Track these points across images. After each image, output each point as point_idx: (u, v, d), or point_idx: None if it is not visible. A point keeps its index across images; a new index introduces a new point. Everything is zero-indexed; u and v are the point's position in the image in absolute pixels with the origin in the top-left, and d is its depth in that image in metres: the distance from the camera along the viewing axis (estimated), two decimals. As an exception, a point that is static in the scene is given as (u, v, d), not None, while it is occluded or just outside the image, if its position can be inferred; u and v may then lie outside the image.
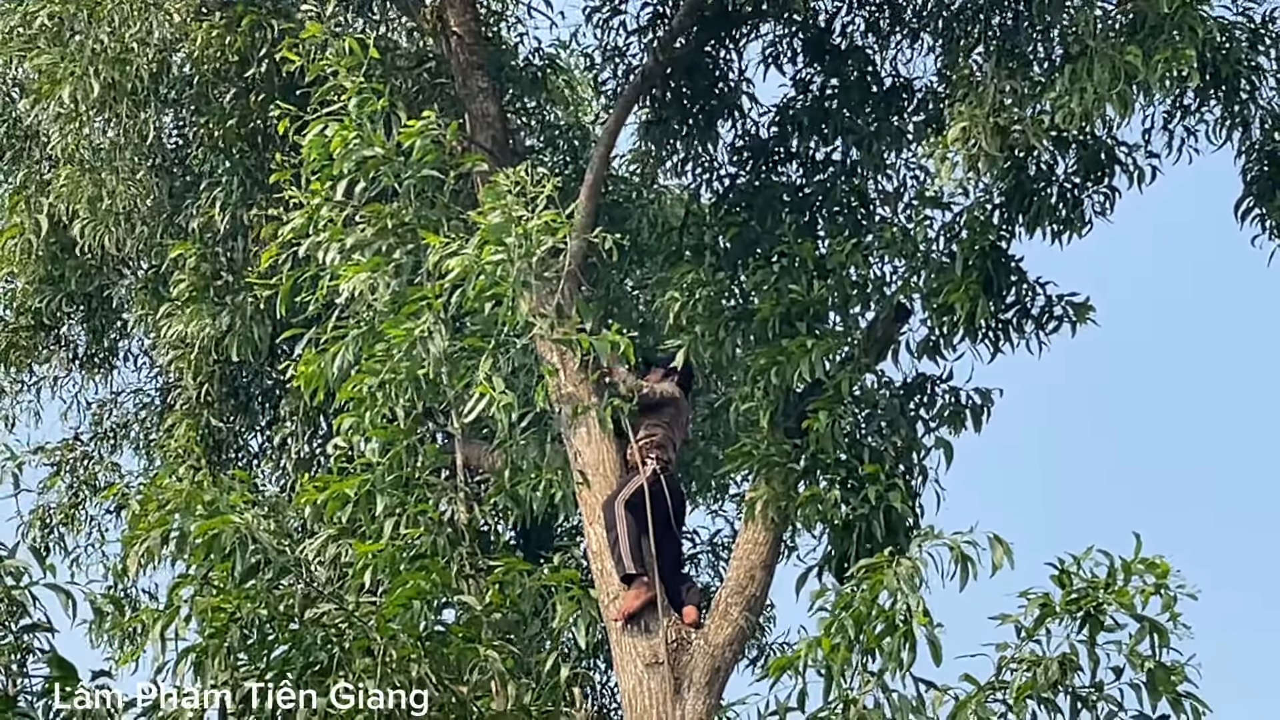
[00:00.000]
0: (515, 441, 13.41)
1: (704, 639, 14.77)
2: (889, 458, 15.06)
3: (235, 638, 11.39)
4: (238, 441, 18.91)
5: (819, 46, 18.14)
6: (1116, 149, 16.24)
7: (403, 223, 13.43)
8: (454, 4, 17.73)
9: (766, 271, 16.04)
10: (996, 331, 15.90)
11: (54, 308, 19.25)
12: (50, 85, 16.64)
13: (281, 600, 11.59)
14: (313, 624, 11.48)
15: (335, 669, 11.39)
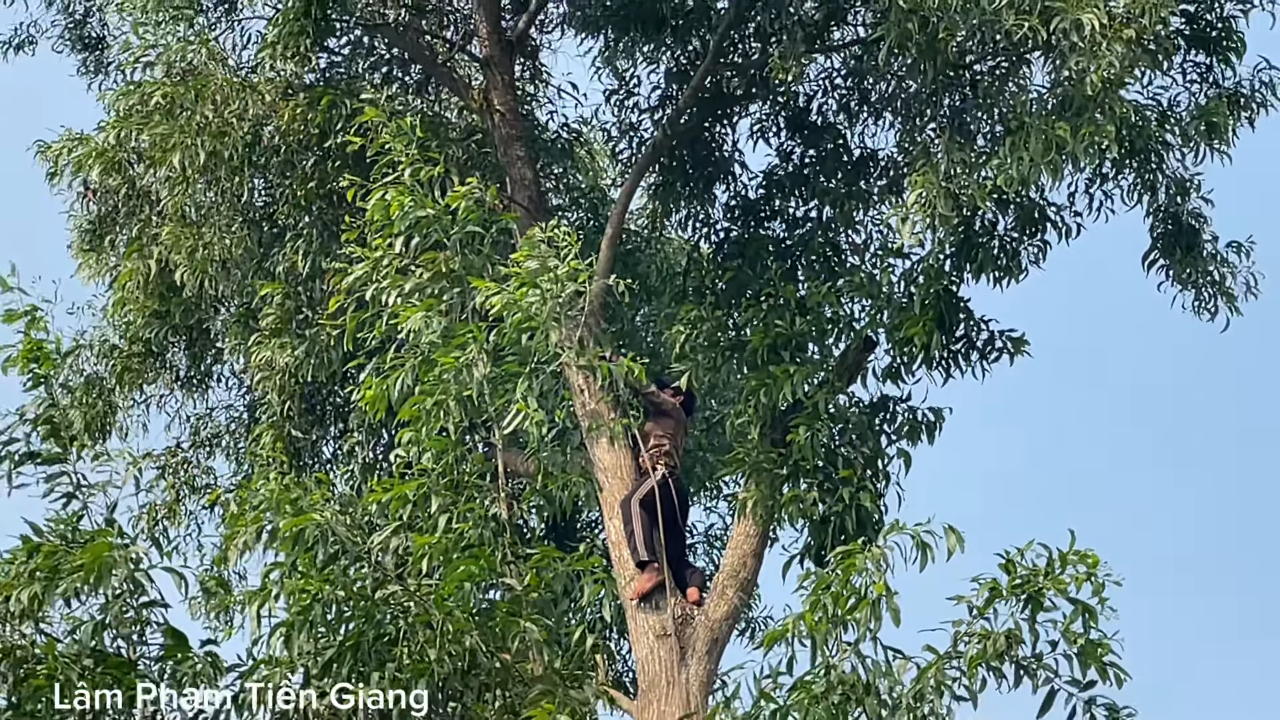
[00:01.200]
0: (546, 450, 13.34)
1: (705, 615, 14.77)
2: (858, 465, 15.03)
3: (317, 614, 11.33)
4: (313, 449, 18.85)
5: (799, 123, 18.16)
6: (1047, 209, 16.23)
7: (451, 270, 13.39)
8: (497, 87, 17.77)
9: (756, 310, 16.04)
10: (948, 360, 15.89)
11: (161, 338, 19.17)
12: (162, 153, 16.62)
13: (355, 583, 11.54)
14: (381, 603, 11.43)
15: (400, 640, 11.35)
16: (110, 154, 17.46)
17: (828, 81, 18.16)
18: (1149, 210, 16.61)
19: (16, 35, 20.63)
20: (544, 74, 20.00)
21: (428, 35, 18.60)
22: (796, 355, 15.60)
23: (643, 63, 19.03)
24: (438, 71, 18.60)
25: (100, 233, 19.18)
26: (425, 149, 14.01)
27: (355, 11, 17.47)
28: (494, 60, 17.94)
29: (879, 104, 17.87)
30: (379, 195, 13.56)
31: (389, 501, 12.03)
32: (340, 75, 18.05)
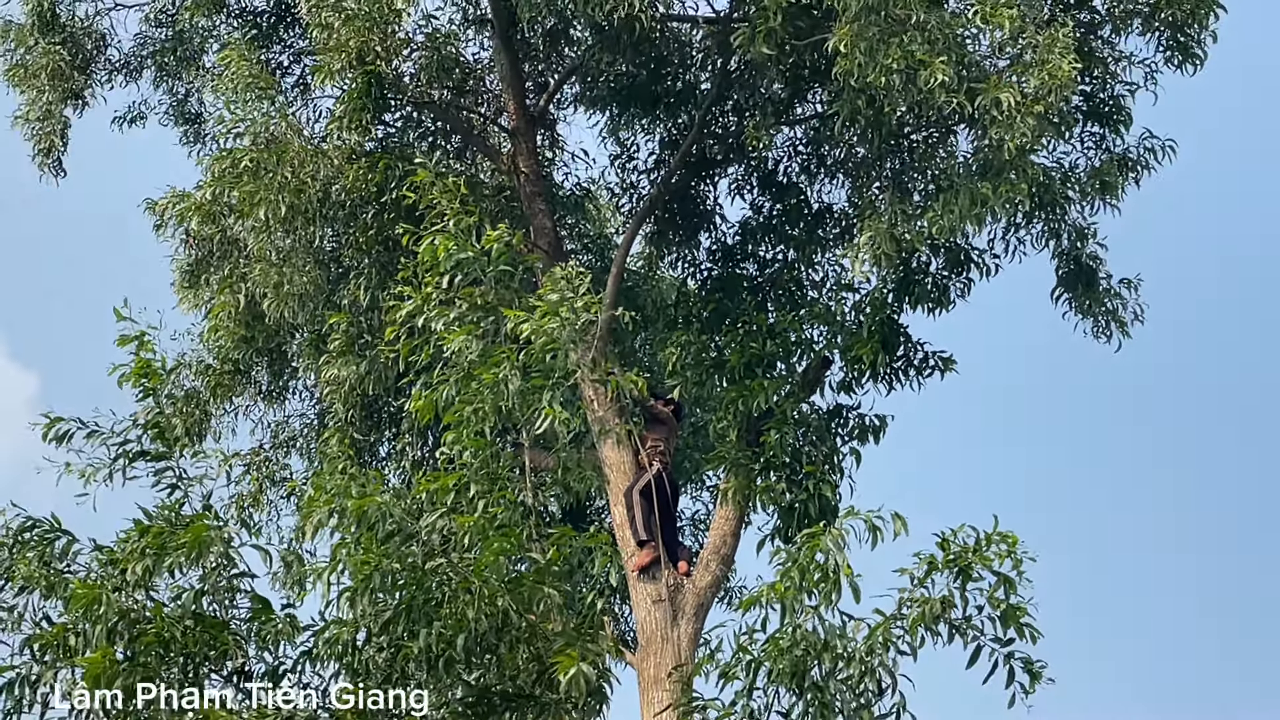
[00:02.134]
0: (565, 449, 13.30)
1: (692, 584, 14.69)
2: (819, 461, 14.98)
3: (376, 582, 11.28)
4: (372, 449, 18.69)
5: (768, 182, 18.14)
6: (972, 252, 16.21)
7: (487, 302, 13.36)
8: (522, 153, 17.73)
9: (734, 334, 16.01)
10: (891, 376, 15.87)
11: (247, 358, 19.04)
12: (249, 207, 16.52)
13: (408, 557, 11.50)
14: (429, 573, 11.38)
15: (445, 602, 11.29)
16: (206, 208, 17.34)
17: (792, 148, 18.12)
18: (1054, 253, 16.60)
19: (130, 111, 20.53)
20: (560, 142, 19.95)
21: (465, 111, 18.53)
22: (767, 372, 15.57)
23: (641, 133, 19.02)
24: (474, 140, 18.55)
25: (197, 273, 19.07)
26: (464, 203, 13.98)
27: (406, 92, 17.41)
28: (520, 131, 17.90)
29: (834, 166, 17.83)
30: (428, 241, 13.52)
31: (436, 490, 11.98)
32: (395, 143, 17.96)
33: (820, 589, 11.18)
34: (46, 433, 12.15)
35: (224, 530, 11.32)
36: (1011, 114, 13.73)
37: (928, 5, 14.10)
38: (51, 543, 11.64)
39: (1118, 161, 15.96)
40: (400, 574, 11.36)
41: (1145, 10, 15.86)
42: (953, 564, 11.24)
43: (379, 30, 16.28)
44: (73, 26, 19.81)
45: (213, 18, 19.49)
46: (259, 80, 17.08)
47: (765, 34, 14.66)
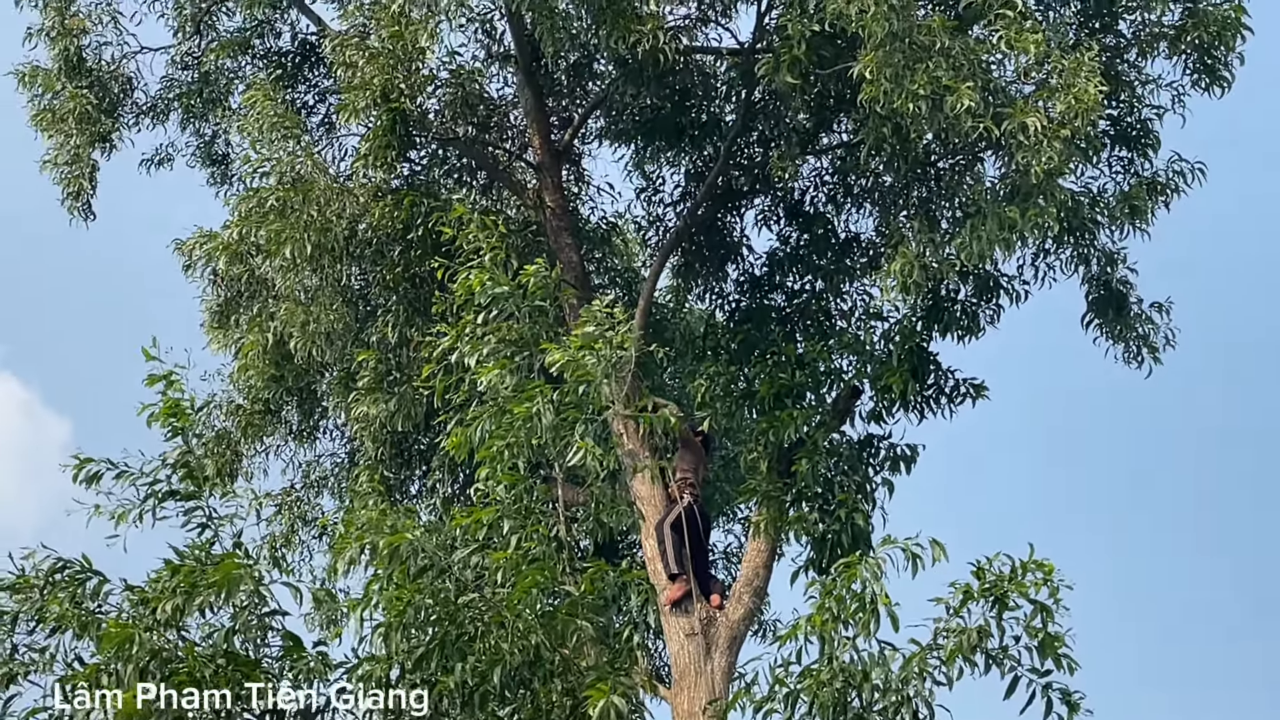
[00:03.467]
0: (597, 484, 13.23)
1: (725, 616, 14.59)
2: (851, 491, 14.87)
3: (410, 618, 11.22)
4: (402, 487, 18.67)
5: (795, 213, 18.07)
6: (1001, 279, 16.11)
7: (520, 336, 13.28)
8: (548, 187, 17.71)
9: (763, 365, 15.91)
10: (921, 405, 15.75)
11: (277, 398, 19.04)
12: (276, 246, 16.51)
13: (441, 592, 11.43)
14: (463, 608, 11.31)
15: (478, 637, 11.21)
16: (234, 248, 17.35)
17: (818, 178, 18.07)
18: (1084, 279, 16.49)
19: (157, 153, 20.58)
20: (586, 177, 19.94)
21: (491, 147, 18.55)
22: (797, 402, 15.47)
23: (666, 166, 19.01)
24: (500, 175, 18.54)
25: (226, 313, 19.08)
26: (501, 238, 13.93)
27: (431, 128, 17.43)
28: (545, 166, 17.88)
29: (860, 196, 17.77)
30: (463, 276, 13.46)
31: (470, 525, 11.91)
32: (420, 180, 17.98)
33: (857, 619, 11.06)
34: (76, 474, 12.12)
35: (254, 568, 11.26)
36: (1038, 138, 13.65)
37: (952, 31, 14.05)
38: (83, 583, 11.61)
39: (1146, 185, 15.84)
40: (433, 609, 11.28)
41: (1171, 33, 15.81)
42: (989, 593, 11.11)
43: (403, 68, 16.29)
44: (99, 71, 19.87)
45: (238, 59, 19.58)
46: (284, 120, 17.10)
47: (789, 63, 14.61)
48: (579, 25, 15.75)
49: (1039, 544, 11.18)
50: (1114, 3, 15.91)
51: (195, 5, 19.95)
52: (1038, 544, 11.17)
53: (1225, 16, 15.60)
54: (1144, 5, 15.80)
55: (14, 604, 11.45)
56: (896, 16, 13.78)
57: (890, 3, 13.78)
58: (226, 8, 19.88)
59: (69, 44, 19.47)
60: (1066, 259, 16.29)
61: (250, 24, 19.48)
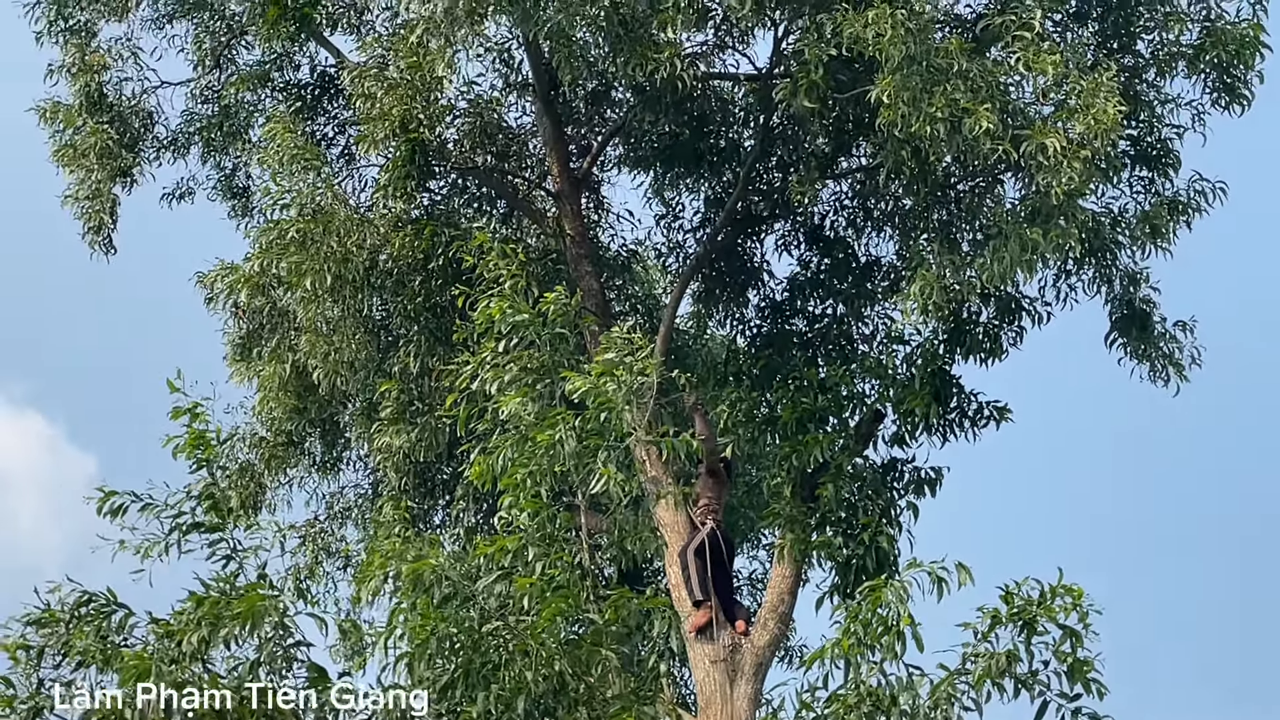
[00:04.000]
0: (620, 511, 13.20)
1: (750, 643, 14.56)
2: (875, 515, 14.83)
3: (434, 647, 11.18)
4: (426, 517, 18.69)
5: (815, 237, 18.06)
6: (1022, 301, 16.07)
7: (542, 364, 13.27)
8: (567, 215, 17.75)
9: (785, 390, 15.92)
10: (944, 428, 15.71)
11: (300, 429, 19.07)
12: (297, 278, 16.55)
13: (465, 620, 11.39)
14: (487, 636, 11.26)
15: (502, 666, 11.17)
16: (255, 280, 17.40)
17: (837, 202, 18.06)
18: (1107, 299, 16.43)
19: (178, 187, 20.65)
20: (605, 204, 19.97)
21: (510, 175, 18.58)
22: (820, 427, 15.45)
23: (685, 192, 19.00)
24: (519, 204, 18.57)
25: (249, 345, 19.14)
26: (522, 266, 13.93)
27: (450, 158, 17.47)
28: (564, 194, 17.91)
29: (880, 219, 17.76)
30: (484, 305, 13.46)
31: (493, 553, 11.88)
32: (440, 210, 18.02)
33: (883, 643, 11.01)
34: (101, 507, 12.13)
35: (279, 600, 11.24)
36: (1058, 159, 13.62)
37: (970, 54, 14.06)
38: (108, 617, 11.60)
39: (1167, 205, 15.80)
40: (457, 638, 11.24)
41: (1190, 52, 15.79)
42: (1017, 617, 11.06)
43: (421, 98, 16.35)
44: (120, 106, 19.97)
45: (258, 92, 19.65)
46: (304, 152, 17.16)
47: (807, 88, 14.61)
48: (596, 53, 15.78)
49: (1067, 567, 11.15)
50: (1132, 23, 15.90)
51: (215, 39, 20.06)
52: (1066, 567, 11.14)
53: (1244, 35, 15.59)
54: (1162, 25, 15.79)
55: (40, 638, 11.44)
56: (913, 40, 13.79)
57: (907, 26, 13.79)
58: (246, 41, 19.97)
59: (90, 80, 19.57)
60: (1089, 279, 16.23)
61: (269, 57, 19.56)
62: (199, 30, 20.10)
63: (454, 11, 15.92)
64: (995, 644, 11.12)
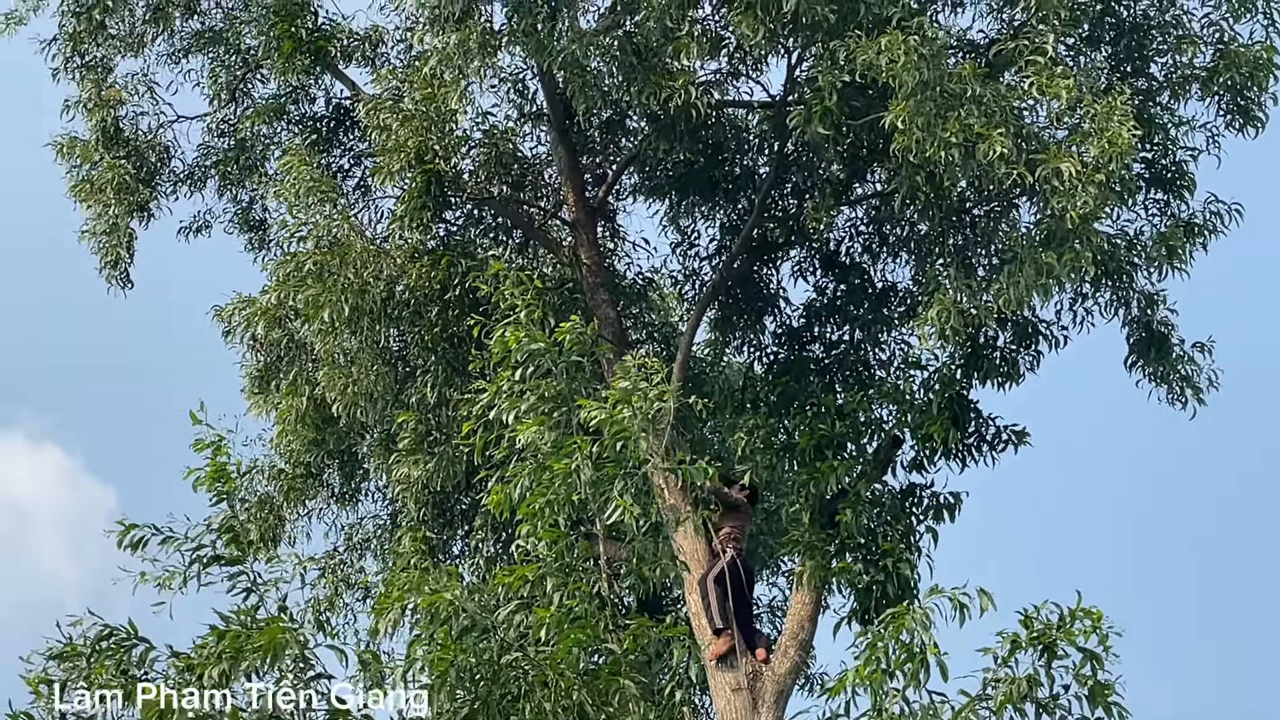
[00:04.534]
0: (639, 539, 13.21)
1: (771, 670, 14.52)
2: (894, 541, 14.82)
3: (453, 678, 11.20)
4: (445, 547, 18.67)
5: (830, 263, 18.07)
6: (1039, 325, 16.08)
7: (558, 392, 13.30)
8: (583, 244, 17.79)
9: (802, 417, 15.91)
10: (963, 453, 15.72)
11: (318, 461, 19.10)
12: (315, 310, 16.62)
13: (484, 651, 11.41)
14: (506, 667, 11.29)
15: (522, 697, 11.19)
16: (272, 312, 17.49)
17: (853, 228, 18.07)
18: (1124, 321, 16.43)
19: (195, 221, 20.76)
20: (621, 232, 20.00)
21: (525, 205, 18.64)
22: (838, 453, 15.46)
23: (701, 220, 19.03)
24: (535, 233, 18.62)
25: (267, 378, 19.20)
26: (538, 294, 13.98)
27: (466, 188, 17.53)
28: (580, 223, 17.96)
29: (896, 245, 17.77)
30: (499, 334, 13.50)
31: (512, 583, 11.90)
32: (456, 240, 18.07)
33: (906, 670, 11.00)
34: (121, 540, 12.18)
35: (300, 632, 11.27)
36: (1073, 183, 13.64)
37: (983, 79, 14.09)
38: (129, 650, 11.64)
39: (1183, 227, 15.80)
40: (477, 669, 11.25)
41: (1203, 75, 15.82)
42: (1037, 641, 11.04)
43: (436, 129, 16.44)
44: (136, 140, 20.10)
45: (273, 125, 19.76)
46: (320, 184, 17.25)
47: (821, 115, 14.64)
48: (611, 83, 15.85)
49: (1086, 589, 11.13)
50: (1145, 46, 15.93)
51: (230, 73, 20.18)
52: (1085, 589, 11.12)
53: (1257, 57, 15.61)
54: (1175, 48, 15.82)
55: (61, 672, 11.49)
56: (927, 65, 13.83)
57: (920, 52, 13.84)
58: (261, 75, 20.09)
59: (106, 115, 19.71)
60: (1106, 302, 16.23)
61: (285, 90, 19.67)
62: (215, 64, 20.24)
63: (467, 43, 16.03)
64: (1016, 669, 11.09)
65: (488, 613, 11.82)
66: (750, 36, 14.86)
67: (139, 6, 19.97)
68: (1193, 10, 16.06)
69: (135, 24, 20.12)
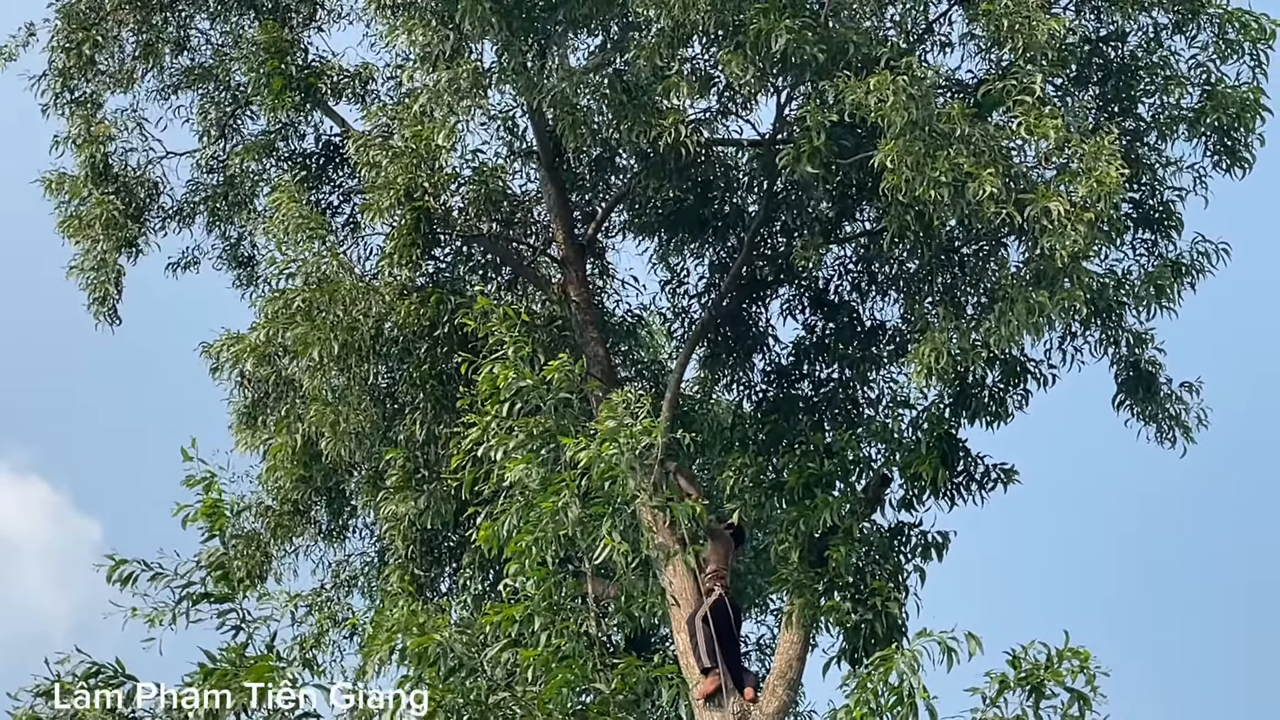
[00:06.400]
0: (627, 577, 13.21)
1: (759, 709, 14.53)
2: (884, 580, 14.86)
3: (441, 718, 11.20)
4: (433, 584, 18.63)
5: (819, 302, 18.13)
6: (1028, 364, 16.14)
7: (546, 429, 13.33)
8: (573, 281, 17.83)
9: (791, 455, 15.98)
10: (951, 491, 15.76)
11: (306, 498, 19.02)
12: (303, 347, 16.63)
13: (472, 691, 11.43)
14: (495, 707, 11.30)
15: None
16: (261, 349, 17.48)
17: (842, 267, 18.13)
18: (1113, 360, 16.51)
19: (183, 257, 20.82)
20: (610, 270, 20.05)
21: (515, 242, 18.69)
22: (827, 491, 15.49)
23: (690, 257, 19.07)
24: (524, 271, 18.67)
25: (254, 414, 19.20)
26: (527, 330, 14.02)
27: (455, 226, 17.56)
28: (569, 260, 18.01)
29: (885, 283, 17.84)
30: (487, 370, 13.54)
31: (499, 622, 11.91)
32: (445, 277, 18.10)
33: (895, 712, 11.02)
34: (110, 575, 12.18)
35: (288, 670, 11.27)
36: (1062, 222, 13.72)
37: (972, 118, 14.19)
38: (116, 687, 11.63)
39: (1171, 266, 15.89)
40: (465, 709, 11.26)
41: (1190, 115, 15.94)
42: (1025, 682, 11.07)
43: (426, 166, 16.50)
44: (125, 176, 20.15)
45: (263, 161, 19.83)
46: (309, 220, 17.30)
47: (810, 154, 14.73)
48: (600, 120, 15.93)
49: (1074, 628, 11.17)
50: (1132, 86, 16.05)
51: (220, 109, 20.26)
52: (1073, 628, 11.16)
53: (1244, 98, 15.74)
54: (1162, 88, 15.94)
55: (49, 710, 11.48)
56: (916, 105, 13.93)
57: (909, 92, 13.94)
58: (251, 111, 20.16)
59: (95, 150, 19.77)
60: (1095, 341, 16.31)
61: (274, 126, 19.74)
62: (204, 101, 20.33)
63: (458, 81, 16.11)
64: (1004, 709, 11.12)
65: (476, 652, 11.82)
66: (740, 75, 14.97)
67: (129, 43, 20.06)
68: (1180, 51, 16.19)
69: (125, 60, 20.20)
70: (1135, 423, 16.73)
